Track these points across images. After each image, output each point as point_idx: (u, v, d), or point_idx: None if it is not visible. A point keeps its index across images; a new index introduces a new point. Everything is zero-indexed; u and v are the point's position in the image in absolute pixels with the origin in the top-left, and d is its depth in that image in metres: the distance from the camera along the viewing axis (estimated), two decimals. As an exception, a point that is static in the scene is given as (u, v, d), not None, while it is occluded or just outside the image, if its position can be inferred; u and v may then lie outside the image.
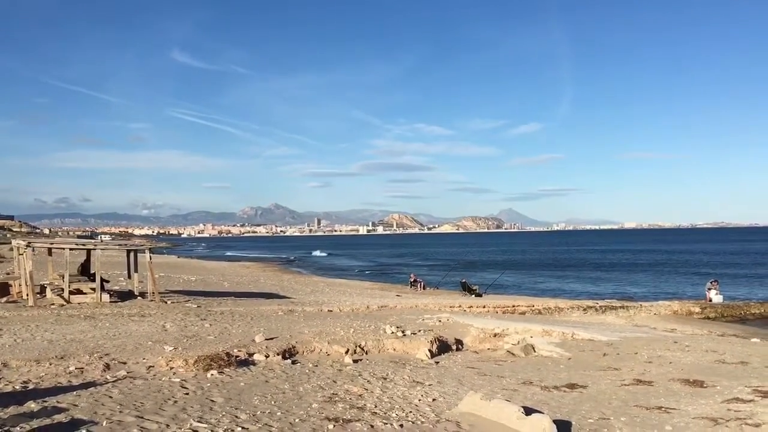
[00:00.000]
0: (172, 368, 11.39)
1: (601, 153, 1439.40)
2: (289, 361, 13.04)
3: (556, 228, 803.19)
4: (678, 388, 11.36)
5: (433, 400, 10.04)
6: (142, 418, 8.17)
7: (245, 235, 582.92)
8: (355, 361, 13.50)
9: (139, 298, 24.21)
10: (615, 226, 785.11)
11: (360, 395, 10.14)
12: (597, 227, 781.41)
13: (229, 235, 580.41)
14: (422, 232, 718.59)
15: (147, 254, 25.29)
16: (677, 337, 19.16)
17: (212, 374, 11.04)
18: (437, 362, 14.27)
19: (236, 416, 8.53)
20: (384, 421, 8.58)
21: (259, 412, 8.79)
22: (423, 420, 8.76)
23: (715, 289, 35.00)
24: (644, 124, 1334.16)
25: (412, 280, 46.95)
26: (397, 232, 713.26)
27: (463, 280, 43.96)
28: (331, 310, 23.82)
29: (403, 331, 17.01)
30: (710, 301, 33.99)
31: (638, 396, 10.67)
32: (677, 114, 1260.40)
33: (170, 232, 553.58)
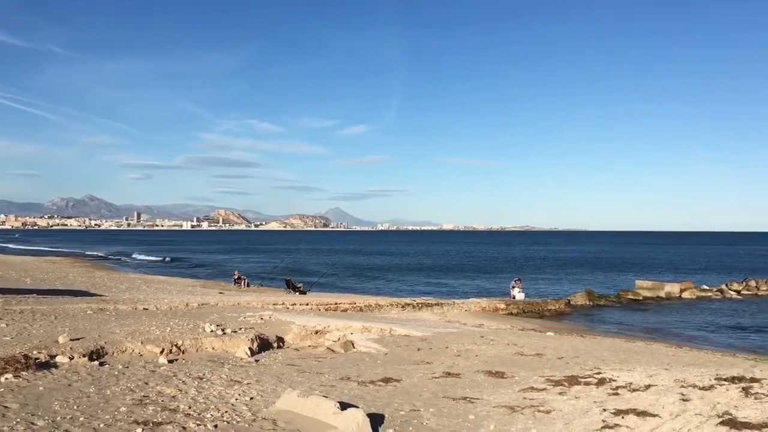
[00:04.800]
0: (-43, 374, 10.24)
1: (424, 157, 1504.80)
2: (96, 362, 12.25)
3: (380, 227, 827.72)
4: (482, 379, 12.24)
5: (251, 398, 9.96)
6: None
7: (54, 227, 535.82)
8: (170, 361, 13.00)
9: None
10: (435, 227, 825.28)
11: (173, 396, 9.80)
12: (419, 228, 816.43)
13: (35, 227, 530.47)
14: (249, 228, 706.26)
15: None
16: (484, 332, 20.57)
17: (6, 378, 10.09)
18: (257, 360, 14.15)
19: (32, 423, 7.88)
20: (198, 422, 8.37)
21: (59, 418, 8.18)
22: (239, 419, 8.66)
23: (518, 287, 38.02)
24: (464, 131, 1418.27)
25: (235, 277, 46.00)
26: (223, 228, 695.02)
27: (288, 278, 43.90)
28: (147, 309, 22.67)
29: (223, 330, 16.66)
30: (514, 298, 36.86)
31: (447, 388, 11.35)
32: (493, 123, 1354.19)
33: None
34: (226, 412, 9.01)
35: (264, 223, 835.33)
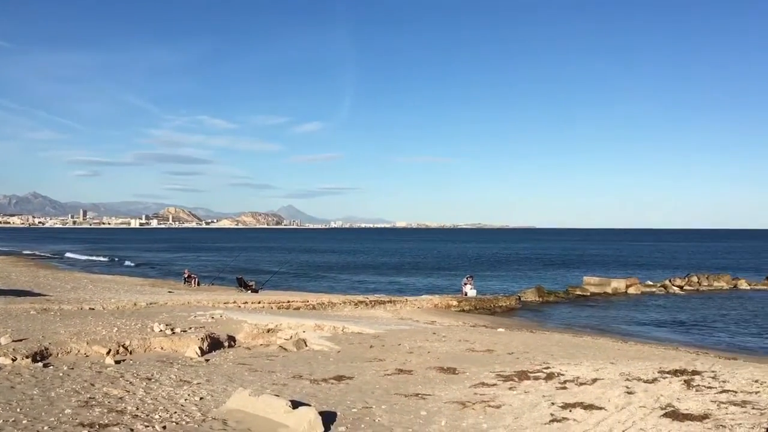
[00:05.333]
0: None
1: (378, 154, 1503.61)
2: (40, 364, 11.91)
3: (334, 225, 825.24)
4: (434, 375, 12.36)
5: (201, 398, 9.82)
6: None
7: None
8: (117, 362, 12.73)
9: None
10: (388, 225, 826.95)
11: (121, 398, 9.59)
12: (372, 225, 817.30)
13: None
14: (200, 226, 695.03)
15: None
16: (436, 329, 20.76)
17: (-57, 383, 9.72)
18: (207, 360, 13.97)
19: (-29, 428, 7.62)
20: (145, 423, 8.21)
21: (1, 421, 7.92)
22: (188, 420, 8.54)
23: (470, 284, 38.39)
24: (417, 130, 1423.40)
25: (185, 275, 45.21)
26: (173, 226, 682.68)
27: (240, 276, 43.40)
28: (93, 308, 22.13)
29: (172, 329, 16.38)
30: (466, 294, 37.23)
31: (399, 384, 11.42)
32: (446, 121, 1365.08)
33: None
34: (175, 412, 8.87)
35: (215, 220, 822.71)
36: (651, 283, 49.73)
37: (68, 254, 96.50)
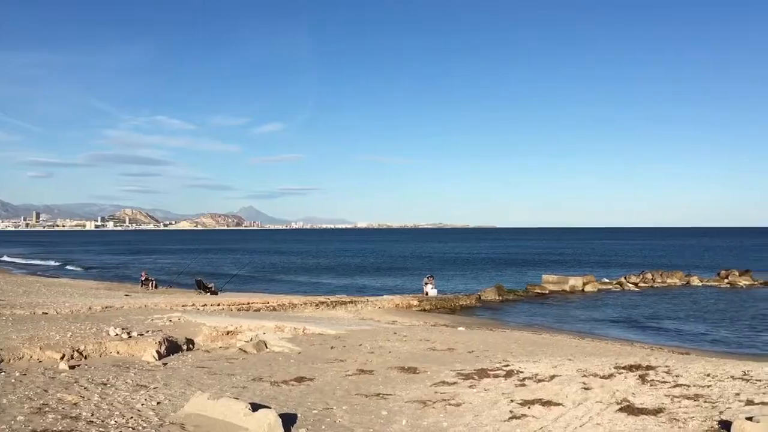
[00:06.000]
0: None
1: (339, 155, 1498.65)
2: (-10, 371, 11.55)
3: (295, 226, 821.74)
4: (395, 375, 12.38)
5: (158, 403, 9.65)
6: None
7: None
8: (71, 367, 12.42)
9: None
10: (350, 225, 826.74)
11: (75, 404, 9.36)
12: (333, 226, 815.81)
13: None
14: (158, 228, 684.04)
15: None
16: (397, 329, 20.81)
17: None
18: (165, 364, 13.74)
19: None
20: (101, 429, 8.04)
21: (-53, 432, 7.66)
22: (145, 425, 8.38)
23: (431, 283, 38.61)
24: (378, 130, 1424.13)
25: (143, 278, 44.41)
26: (130, 228, 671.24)
27: (199, 278, 42.84)
28: (47, 313, 21.56)
29: (129, 333, 16.07)
30: (427, 294, 37.44)
31: (360, 385, 11.42)
32: (406, 123, 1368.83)
33: None
34: (132, 417, 8.70)
35: (174, 222, 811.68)
36: (607, 280, 50.73)
37: (5, 257, 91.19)
